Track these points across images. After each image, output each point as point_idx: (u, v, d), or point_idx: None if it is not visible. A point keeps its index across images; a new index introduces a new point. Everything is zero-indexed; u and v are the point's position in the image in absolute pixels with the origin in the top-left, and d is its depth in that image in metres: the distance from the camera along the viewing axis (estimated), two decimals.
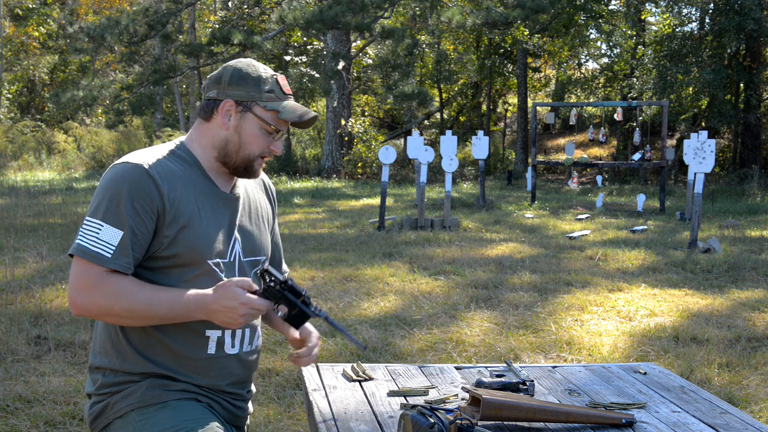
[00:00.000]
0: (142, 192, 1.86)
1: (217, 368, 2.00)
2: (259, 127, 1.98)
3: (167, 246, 1.91)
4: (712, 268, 7.92)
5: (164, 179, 1.90)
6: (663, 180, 14.76)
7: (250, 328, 2.07)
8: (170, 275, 1.94)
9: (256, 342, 2.11)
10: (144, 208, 1.86)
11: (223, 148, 1.99)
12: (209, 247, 1.95)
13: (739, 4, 19.83)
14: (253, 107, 1.97)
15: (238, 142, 1.98)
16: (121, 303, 1.85)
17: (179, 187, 1.93)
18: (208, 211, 1.97)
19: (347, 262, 8.05)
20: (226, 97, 1.97)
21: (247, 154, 1.99)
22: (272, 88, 1.98)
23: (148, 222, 1.88)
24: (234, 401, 2.08)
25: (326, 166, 22.19)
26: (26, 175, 19.70)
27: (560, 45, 26.88)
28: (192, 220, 1.93)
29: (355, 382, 2.21)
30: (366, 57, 25.61)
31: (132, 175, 1.87)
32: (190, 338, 1.96)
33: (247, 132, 1.98)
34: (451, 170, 11.66)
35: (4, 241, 8.65)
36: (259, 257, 2.10)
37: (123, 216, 1.85)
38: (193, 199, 1.95)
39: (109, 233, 1.84)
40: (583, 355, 4.95)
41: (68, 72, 32.10)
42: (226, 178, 2.05)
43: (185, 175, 1.96)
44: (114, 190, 1.87)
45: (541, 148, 26.38)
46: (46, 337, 5.05)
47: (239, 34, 17.09)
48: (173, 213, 1.90)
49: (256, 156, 2.00)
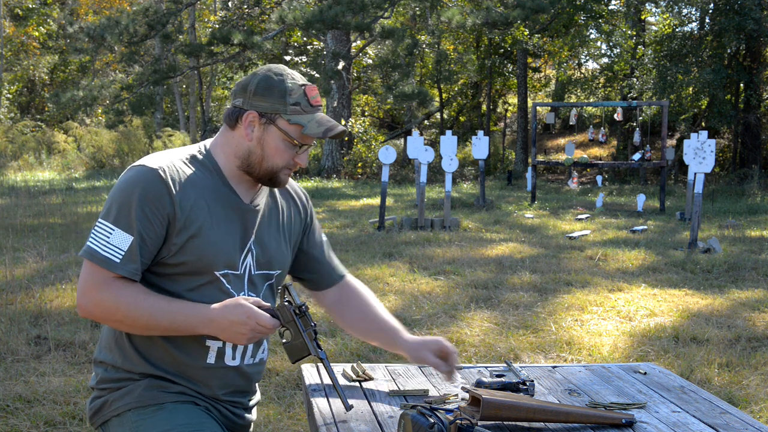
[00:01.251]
0: (154, 197, 1.85)
1: (217, 378, 1.98)
2: (283, 140, 1.93)
3: (175, 253, 1.89)
4: (712, 268, 7.92)
5: (178, 185, 1.88)
6: (663, 180, 14.76)
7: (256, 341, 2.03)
8: (177, 282, 1.92)
9: (261, 355, 2.08)
10: (155, 213, 1.85)
11: (246, 158, 1.95)
12: (218, 258, 1.93)
13: (739, 4, 19.83)
14: (277, 120, 1.92)
15: (261, 154, 1.94)
16: (124, 310, 1.85)
17: (193, 195, 1.90)
18: (222, 221, 1.94)
19: (347, 262, 8.05)
20: (250, 108, 1.93)
21: (270, 166, 1.95)
22: (298, 101, 1.92)
23: (158, 228, 1.86)
24: (233, 409, 2.05)
25: (326, 166, 22.20)
26: (26, 175, 19.70)
27: (560, 45, 26.89)
28: (203, 229, 1.90)
29: (355, 382, 2.21)
30: (366, 57, 25.62)
31: (145, 180, 1.86)
32: (190, 345, 1.95)
33: (270, 145, 1.93)
34: (451, 170, 11.66)
35: (4, 241, 8.65)
36: (272, 271, 2.07)
37: (133, 221, 1.84)
38: (206, 208, 1.92)
39: (120, 238, 1.84)
40: (583, 355, 4.95)
41: (68, 72, 32.10)
42: (247, 186, 2.00)
43: (203, 183, 1.93)
44: (127, 193, 1.86)
45: (541, 148, 26.39)
46: (46, 337, 5.05)
47: (239, 34, 17.09)
48: (184, 220, 1.88)
49: (280, 168, 1.96)
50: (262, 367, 2.11)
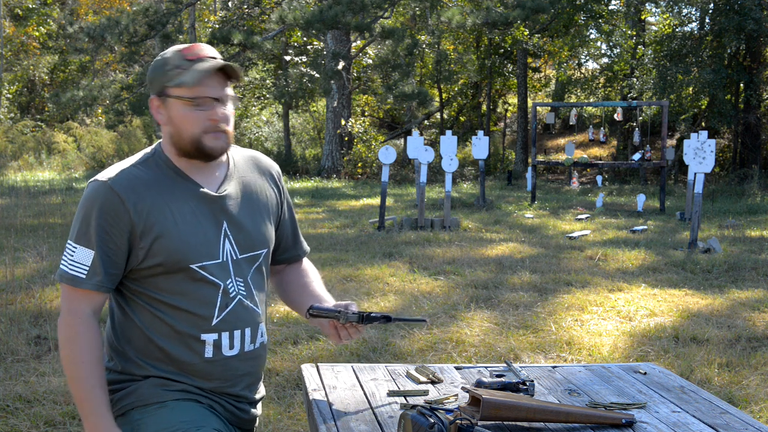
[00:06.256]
0: (109, 210, 1.88)
1: (219, 371, 1.98)
2: (182, 106, 1.92)
3: (145, 258, 1.91)
4: (712, 268, 7.92)
5: (132, 193, 1.89)
6: (663, 180, 14.76)
7: (251, 326, 2.03)
8: (158, 285, 1.94)
9: (260, 339, 2.07)
10: (112, 225, 1.88)
11: (173, 142, 1.96)
12: (190, 252, 1.92)
13: (739, 4, 19.83)
14: (167, 91, 1.93)
15: (176, 130, 1.94)
16: (65, 352, 1.90)
17: (149, 198, 1.91)
18: (187, 215, 1.94)
19: (347, 262, 8.05)
20: (151, 95, 1.97)
21: (189, 137, 1.93)
22: (177, 65, 1.92)
23: (118, 239, 1.89)
24: (238, 404, 2.05)
25: (326, 166, 22.20)
26: (26, 175, 19.70)
27: (560, 45, 26.88)
28: (167, 228, 1.91)
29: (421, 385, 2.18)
30: (366, 57, 25.60)
31: (97, 195, 1.90)
32: (184, 344, 1.95)
33: (176, 117, 1.93)
34: (451, 170, 11.66)
35: (4, 241, 8.65)
36: (258, 251, 2.06)
37: (92, 236, 1.89)
38: (166, 206, 1.92)
39: (82, 254, 1.89)
40: (583, 355, 4.95)
41: (68, 72, 32.08)
42: (208, 173, 2.00)
43: (157, 182, 1.94)
44: (85, 210, 1.91)
45: (541, 148, 26.38)
46: (46, 337, 5.05)
47: (239, 34, 17.09)
48: (143, 225, 1.89)
49: (199, 134, 1.93)
50: (265, 352, 2.11)
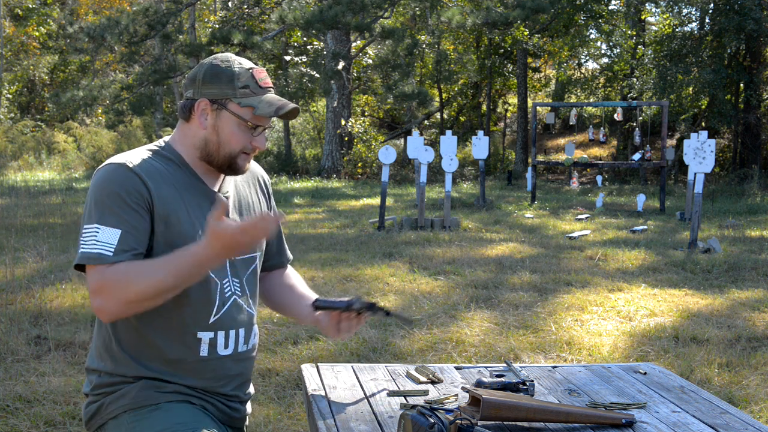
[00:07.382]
0: (131, 188, 1.85)
1: (211, 370, 1.99)
2: (236, 124, 1.94)
3: (154, 244, 1.89)
4: (712, 268, 7.92)
5: (149, 176, 1.88)
6: (663, 180, 14.76)
7: (245, 326, 2.04)
8: None
9: (253, 340, 2.09)
10: (137, 202, 1.85)
11: (204, 147, 1.96)
12: None
13: (739, 4, 19.83)
14: (228, 104, 1.92)
15: (218, 140, 1.94)
16: (130, 290, 1.79)
17: (164, 186, 1.91)
18: (196, 210, 1.95)
19: (347, 262, 8.05)
20: (200, 96, 1.94)
21: (227, 152, 1.95)
22: (247, 84, 1.93)
23: (144, 214, 1.86)
24: (229, 403, 2.06)
25: (326, 166, 22.20)
26: (26, 175, 19.70)
27: (560, 45, 26.88)
28: (180, 219, 1.91)
29: (422, 385, 2.19)
30: (366, 57, 25.61)
31: (117, 175, 1.87)
32: (181, 340, 1.95)
33: (224, 130, 1.94)
34: (451, 170, 11.66)
35: (4, 241, 8.65)
36: (253, 254, 2.08)
37: (117, 214, 1.83)
38: (179, 198, 1.92)
39: (107, 234, 1.82)
40: (583, 355, 4.95)
41: (68, 72, 32.09)
42: (213, 176, 2.02)
43: (171, 175, 1.94)
44: (103, 192, 1.86)
45: (541, 148, 26.38)
46: (46, 337, 5.05)
47: (239, 34, 17.09)
48: (161, 210, 1.88)
49: (238, 152, 1.96)
50: (255, 354, 2.12)
